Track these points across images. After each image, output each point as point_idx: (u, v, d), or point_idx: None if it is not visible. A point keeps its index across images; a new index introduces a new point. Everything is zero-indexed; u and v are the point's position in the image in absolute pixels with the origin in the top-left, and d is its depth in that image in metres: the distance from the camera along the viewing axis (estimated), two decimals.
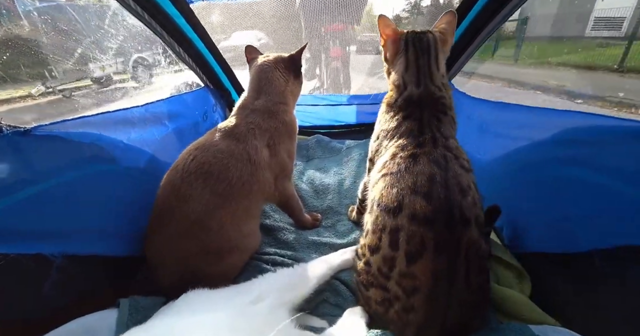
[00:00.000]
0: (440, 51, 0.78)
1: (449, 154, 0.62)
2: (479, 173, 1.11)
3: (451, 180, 0.57)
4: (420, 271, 0.55)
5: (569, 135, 0.72)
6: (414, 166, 0.60)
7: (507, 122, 1.00)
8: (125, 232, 0.82)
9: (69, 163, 0.70)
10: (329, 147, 1.64)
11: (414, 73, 0.76)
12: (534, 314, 0.68)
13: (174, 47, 1.22)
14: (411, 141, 0.66)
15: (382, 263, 0.59)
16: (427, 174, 0.58)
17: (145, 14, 1.03)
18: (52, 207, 0.65)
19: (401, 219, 0.57)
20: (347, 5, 1.56)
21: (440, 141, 0.65)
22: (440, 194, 0.56)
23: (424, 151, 0.62)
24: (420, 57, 0.76)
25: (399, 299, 0.57)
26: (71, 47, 2.85)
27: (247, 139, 0.87)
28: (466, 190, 0.58)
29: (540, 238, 0.78)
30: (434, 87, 0.75)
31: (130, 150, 0.89)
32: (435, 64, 0.76)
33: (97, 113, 0.81)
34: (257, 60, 1.04)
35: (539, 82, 5.08)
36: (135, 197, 0.86)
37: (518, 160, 0.89)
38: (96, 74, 4.77)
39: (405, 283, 0.56)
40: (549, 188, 0.76)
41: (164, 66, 3.55)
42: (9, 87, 3.95)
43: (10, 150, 0.60)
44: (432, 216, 0.55)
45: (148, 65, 5.10)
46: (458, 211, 0.55)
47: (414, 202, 0.56)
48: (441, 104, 0.73)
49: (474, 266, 0.56)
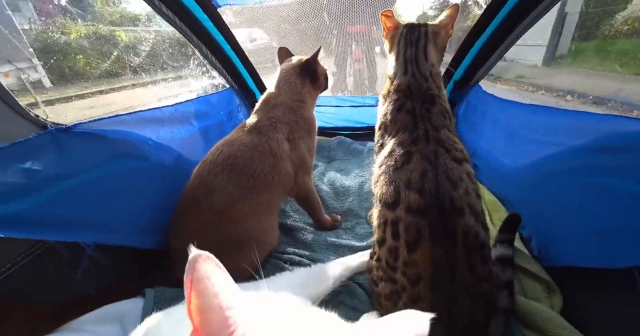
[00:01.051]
0: (431, 42, 0.83)
1: (440, 149, 0.66)
2: (506, 179, 1.07)
3: (441, 175, 0.62)
4: (420, 259, 0.58)
5: (607, 141, 0.67)
6: (408, 164, 0.66)
7: (538, 126, 0.94)
8: (152, 226, 0.86)
9: (104, 159, 0.75)
10: (350, 148, 1.63)
11: (402, 62, 0.82)
12: (565, 331, 0.64)
13: (202, 49, 1.27)
14: (407, 137, 0.70)
15: (389, 255, 0.62)
16: (420, 171, 0.63)
17: (176, 18, 1.08)
18: (88, 199, 0.70)
19: (399, 211, 0.61)
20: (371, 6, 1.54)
21: (432, 134, 0.68)
22: (431, 189, 0.60)
23: (417, 148, 0.67)
24: (408, 48, 0.82)
25: (406, 290, 0.60)
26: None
27: (269, 132, 0.92)
28: (457, 182, 0.61)
29: (573, 251, 0.73)
30: (420, 76, 0.79)
31: (159, 148, 0.93)
32: (423, 54, 0.81)
33: (130, 112, 0.86)
34: (284, 62, 1.12)
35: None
36: (163, 193, 0.90)
37: (550, 166, 0.84)
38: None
39: (410, 272, 0.59)
40: (583, 198, 0.71)
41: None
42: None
43: (53, 145, 0.65)
44: (424, 208, 0.59)
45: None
46: (449, 202, 0.59)
47: (409, 196, 0.61)
48: (429, 95, 0.76)
49: (474, 252, 0.58)
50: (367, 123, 1.76)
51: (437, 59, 0.84)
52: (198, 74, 1.97)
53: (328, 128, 1.78)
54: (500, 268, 0.73)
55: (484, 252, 0.60)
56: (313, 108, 1.12)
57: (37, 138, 0.62)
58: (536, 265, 0.80)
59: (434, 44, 0.83)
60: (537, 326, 0.67)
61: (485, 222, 0.63)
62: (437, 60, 0.84)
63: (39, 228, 0.60)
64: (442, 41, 0.86)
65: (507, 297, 0.68)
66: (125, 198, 0.79)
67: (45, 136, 0.64)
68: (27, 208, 0.59)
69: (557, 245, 0.79)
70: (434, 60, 0.82)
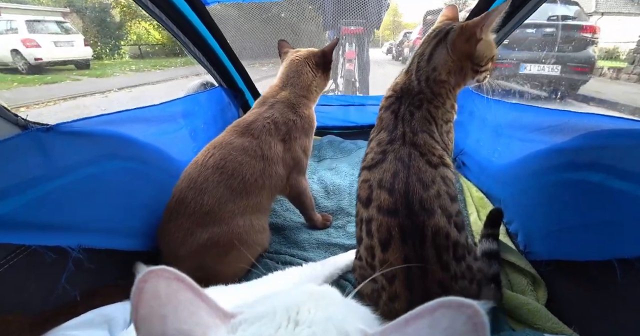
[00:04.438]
0: (445, 44, 0.72)
1: (415, 152, 0.65)
2: (494, 177, 1.09)
3: (412, 177, 0.62)
4: (393, 258, 0.58)
5: (590, 139, 0.69)
6: (382, 163, 0.66)
7: (524, 125, 0.97)
8: (139, 227, 0.84)
9: (88, 159, 0.73)
10: (340, 147, 1.63)
11: (410, 60, 0.78)
12: (549, 323, 0.66)
13: (189, 47, 1.25)
14: (386, 136, 0.70)
15: (367, 254, 0.63)
16: (392, 171, 0.63)
17: (162, 15, 1.06)
18: (71, 201, 0.68)
19: (371, 210, 0.62)
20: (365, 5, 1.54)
21: (408, 137, 0.67)
22: (401, 189, 0.61)
23: (393, 148, 0.67)
24: (422, 46, 0.77)
25: (385, 288, 0.60)
26: None
27: (261, 135, 0.90)
28: (429, 184, 0.61)
29: (558, 245, 0.75)
30: (415, 79, 0.74)
31: (146, 148, 0.92)
32: (428, 56, 0.73)
33: (116, 111, 0.84)
34: (288, 53, 1.08)
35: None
36: (150, 193, 0.89)
37: (534, 164, 0.86)
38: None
39: (387, 273, 0.59)
40: (565, 194, 0.73)
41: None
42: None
43: (34, 146, 0.63)
44: (394, 207, 0.60)
45: None
46: (418, 203, 0.59)
47: (380, 195, 0.62)
48: (418, 99, 0.72)
49: (445, 252, 0.58)
50: (357, 123, 1.77)
51: (445, 64, 0.72)
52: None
53: (318, 127, 1.76)
54: (487, 262, 0.74)
55: (458, 251, 0.60)
56: (315, 103, 1.09)
57: (16, 138, 0.60)
58: (522, 259, 0.82)
59: (450, 45, 0.71)
60: (523, 319, 0.69)
61: (461, 223, 0.63)
62: (444, 65, 0.72)
63: (20, 232, 0.58)
64: (465, 44, 0.71)
65: (493, 290, 0.70)
66: (111, 199, 0.77)
67: (26, 136, 0.61)
68: (8, 211, 0.57)
69: (541, 239, 0.81)
70: (437, 65, 0.72)
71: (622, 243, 0.58)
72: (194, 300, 0.22)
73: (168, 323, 0.21)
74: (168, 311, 0.21)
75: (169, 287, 0.22)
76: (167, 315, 0.21)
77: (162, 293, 0.21)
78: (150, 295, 0.21)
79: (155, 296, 0.21)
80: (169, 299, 0.21)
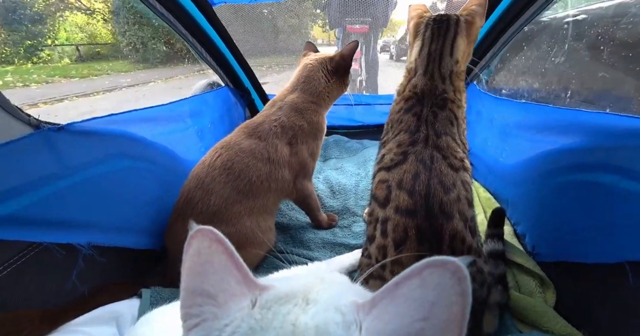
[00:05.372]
0: (461, 34, 0.73)
1: (437, 154, 0.65)
2: (501, 177, 1.08)
3: (434, 179, 0.61)
4: (406, 259, 0.58)
5: (596, 139, 0.68)
6: (402, 164, 0.65)
7: (531, 124, 0.95)
8: (147, 226, 0.86)
9: (98, 158, 0.74)
10: (346, 147, 1.63)
11: (425, 56, 0.75)
12: (557, 325, 0.65)
13: (196, 47, 1.26)
14: (407, 138, 0.69)
15: (378, 252, 0.63)
16: (413, 172, 0.63)
17: (170, 16, 1.07)
18: (81, 199, 0.69)
19: (389, 210, 0.61)
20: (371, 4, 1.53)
21: (432, 140, 0.67)
22: (421, 191, 0.60)
23: (415, 150, 0.66)
24: (434, 40, 0.74)
25: None
26: None
27: (268, 138, 0.90)
28: (450, 187, 0.61)
29: (566, 246, 0.74)
30: (439, 77, 0.73)
31: (154, 148, 0.93)
32: (450, 48, 0.73)
33: (125, 111, 0.85)
34: (305, 56, 1.06)
35: None
36: (158, 192, 0.90)
37: (544, 164, 0.85)
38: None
39: (397, 270, 0.58)
40: (574, 195, 0.72)
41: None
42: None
43: (46, 145, 0.64)
44: (413, 209, 0.59)
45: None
46: (438, 206, 0.59)
47: (399, 196, 0.61)
48: (442, 99, 0.71)
49: (459, 255, 0.56)
50: (362, 122, 1.77)
51: (465, 54, 0.75)
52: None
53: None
54: (493, 263, 0.73)
55: (471, 255, 0.60)
56: (328, 110, 1.06)
57: (29, 138, 0.61)
58: (530, 260, 0.81)
59: (466, 35, 0.73)
60: (530, 321, 0.68)
61: (474, 228, 0.63)
62: (465, 56, 0.75)
63: (32, 230, 0.60)
64: (475, 32, 0.76)
65: (500, 292, 0.69)
66: (120, 197, 0.79)
67: (38, 136, 0.63)
68: (20, 208, 0.58)
69: (550, 241, 0.80)
70: (459, 56, 0.73)
71: (635, 245, 0.57)
72: (227, 265, 0.24)
73: (200, 282, 0.23)
74: (203, 271, 0.23)
75: (209, 248, 0.23)
76: (202, 273, 0.23)
77: (202, 252, 0.23)
78: (193, 251, 0.23)
79: (197, 253, 0.23)
80: (205, 259, 0.23)
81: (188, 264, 0.23)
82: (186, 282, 0.23)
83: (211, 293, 0.23)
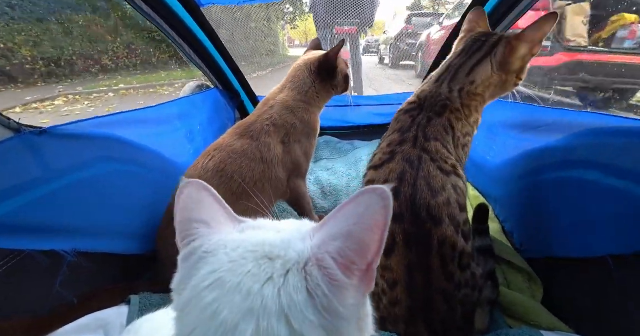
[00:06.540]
0: (492, 59, 0.69)
1: (425, 156, 0.63)
2: (489, 176, 1.10)
3: (421, 180, 0.59)
4: (395, 265, 0.57)
5: (585, 138, 0.70)
6: (389, 162, 0.64)
7: (519, 123, 0.98)
8: (136, 230, 0.84)
9: (84, 162, 0.72)
10: (337, 147, 1.63)
11: (445, 67, 0.75)
12: (544, 319, 0.67)
13: (184, 48, 1.24)
14: (397, 137, 0.68)
15: None
16: (399, 171, 0.61)
17: (157, 16, 1.05)
18: (66, 204, 0.67)
19: None
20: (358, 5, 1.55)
21: (420, 141, 0.65)
22: (407, 193, 0.58)
23: (402, 149, 0.65)
24: (460, 56, 0.73)
25: (385, 293, 0.59)
26: None
27: (260, 137, 0.90)
28: (438, 190, 0.59)
29: (552, 242, 0.76)
30: (446, 87, 0.71)
31: (142, 150, 0.91)
32: (469, 68, 0.71)
33: (111, 113, 0.83)
34: (302, 56, 1.07)
35: None
36: (147, 196, 0.88)
37: (530, 162, 0.87)
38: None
39: (387, 275, 0.58)
40: (562, 192, 0.74)
41: None
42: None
43: (27, 149, 0.62)
44: (399, 212, 0.58)
45: None
46: (425, 210, 0.57)
47: None
48: (441, 106, 0.70)
49: (451, 262, 0.57)
50: (353, 123, 1.78)
51: (486, 79, 0.70)
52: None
53: None
54: (483, 260, 0.75)
55: (464, 260, 0.59)
56: (320, 110, 1.06)
57: (9, 142, 0.59)
58: (518, 257, 0.83)
59: (497, 62, 0.69)
60: (519, 316, 0.70)
61: (468, 232, 0.62)
62: (485, 80, 0.70)
63: (14, 237, 0.58)
64: (514, 60, 0.69)
65: (491, 288, 0.70)
66: (107, 202, 0.76)
67: (19, 140, 0.61)
68: (2, 215, 0.56)
69: (536, 237, 0.82)
70: (477, 79, 0.70)
71: (616, 239, 0.59)
72: (214, 205, 0.31)
73: (194, 213, 0.29)
74: (196, 207, 0.29)
75: (199, 193, 0.30)
76: (194, 209, 0.29)
77: (193, 195, 0.30)
78: (185, 196, 0.29)
79: (189, 196, 0.29)
80: (197, 199, 0.30)
81: (182, 205, 0.29)
82: (181, 216, 0.29)
83: (205, 220, 0.29)
